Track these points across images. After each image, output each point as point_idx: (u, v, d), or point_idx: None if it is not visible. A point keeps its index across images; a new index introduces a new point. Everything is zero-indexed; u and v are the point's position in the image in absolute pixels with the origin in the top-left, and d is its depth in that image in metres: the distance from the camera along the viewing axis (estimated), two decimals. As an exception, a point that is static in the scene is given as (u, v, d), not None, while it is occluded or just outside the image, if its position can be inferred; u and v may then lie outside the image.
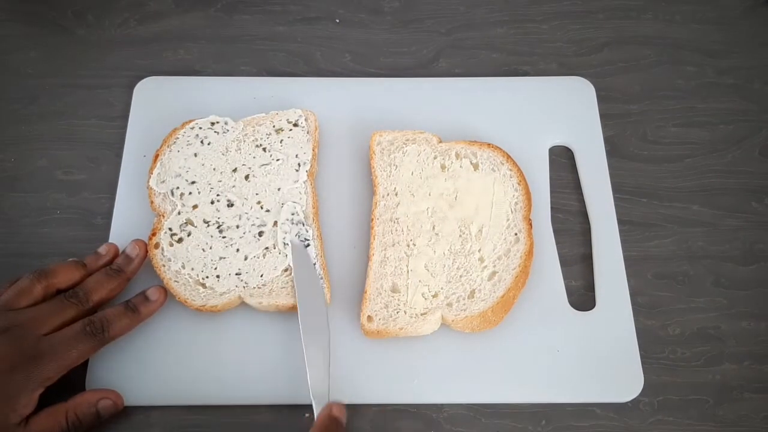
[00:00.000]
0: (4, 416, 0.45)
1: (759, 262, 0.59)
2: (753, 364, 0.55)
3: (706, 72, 0.69)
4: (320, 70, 0.69)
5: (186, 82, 0.66)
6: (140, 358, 0.53)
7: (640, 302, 0.57)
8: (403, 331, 0.52)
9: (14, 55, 0.69)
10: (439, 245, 0.55)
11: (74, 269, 0.53)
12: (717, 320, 0.57)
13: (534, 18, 0.73)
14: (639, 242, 0.60)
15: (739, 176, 0.63)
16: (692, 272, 0.59)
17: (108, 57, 0.69)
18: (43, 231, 0.60)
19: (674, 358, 0.55)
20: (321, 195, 0.60)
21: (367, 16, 0.73)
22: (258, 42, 0.71)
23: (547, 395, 0.53)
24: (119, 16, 0.72)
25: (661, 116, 0.67)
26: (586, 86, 0.66)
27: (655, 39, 0.71)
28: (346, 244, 0.58)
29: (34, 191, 0.62)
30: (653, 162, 0.64)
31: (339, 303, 0.55)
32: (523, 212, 0.57)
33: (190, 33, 0.71)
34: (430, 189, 0.58)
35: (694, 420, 0.53)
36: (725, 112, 0.67)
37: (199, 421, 0.52)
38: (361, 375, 0.53)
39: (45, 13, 0.72)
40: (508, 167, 0.59)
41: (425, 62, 0.70)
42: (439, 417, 0.53)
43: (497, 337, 0.54)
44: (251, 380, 0.52)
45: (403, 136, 0.60)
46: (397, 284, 0.54)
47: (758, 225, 0.61)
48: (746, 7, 0.73)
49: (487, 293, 0.53)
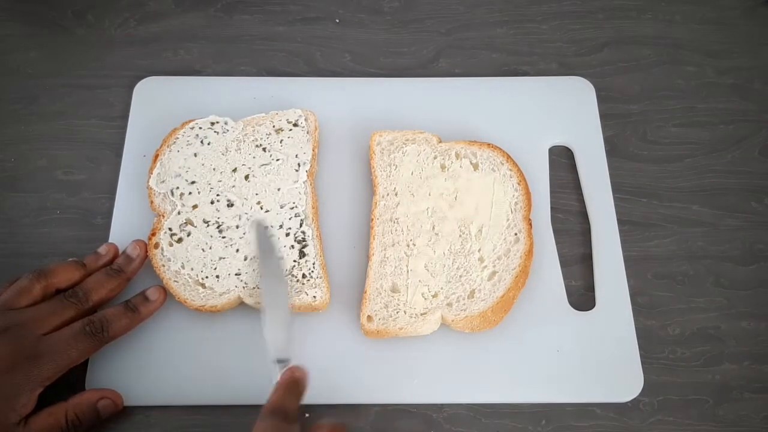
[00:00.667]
0: (3, 416, 0.45)
1: (759, 262, 0.59)
2: (753, 364, 0.55)
3: (706, 72, 0.69)
4: (320, 70, 0.69)
5: (186, 82, 0.66)
6: (140, 358, 0.53)
7: (640, 302, 0.57)
8: (403, 331, 0.52)
9: (14, 55, 0.69)
10: (439, 245, 0.55)
11: (74, 269, 0.53)
12: (717, 320, 0.57)
13: (534, 18, 0.73)
14: (639, 242, 0.60)
15: (739, 176, 0.63)
16: (692, 272, 0.59)
17: (108, 57, 0.69)
18: (43, 231, 0.60)
19: (674, 358, 0.55)
20: (321, 195, 0.60)
21: (367, 16, 0.73)
22: (258, 42, 0.71)
23: (547, 395, 0.53)
24: (119, 16, 0.72)
25: (661, 116, 0.67)
26: (586, 86, 0.66)
27: (655, 39, 0.71)
28: (346, 244, 0.58)
29: (34, 191, 0.62)
30: (653, 162, 0.64)
31: (339, 303, 0.55)
32: (523, 212, 0.57)
33: (190, 33, 0.71)
34: (430, 189, 0.58)
35: (694, 420, 0.53)
36: (725, 112, 0.67)
37: (199, 421, 0.52)
38: (361, 375, 0.53)
39: (45, 13, 0.72)
40: (507, 167, 0.59)
41: (425, 62, 0.70)
42: (439, 417, 0.53)
43: (497, 337, 0.54)
44: (251, 380, 0.52)
45: (403, 136, 0.60)
46: (396, 284, 0.54)
47: (758, 225, 0.61)
48: (746, 7, 0.73)
49: (487, 293, 0.53)
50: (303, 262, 0.55)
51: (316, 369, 0.52)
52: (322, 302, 0.53)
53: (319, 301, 0.53)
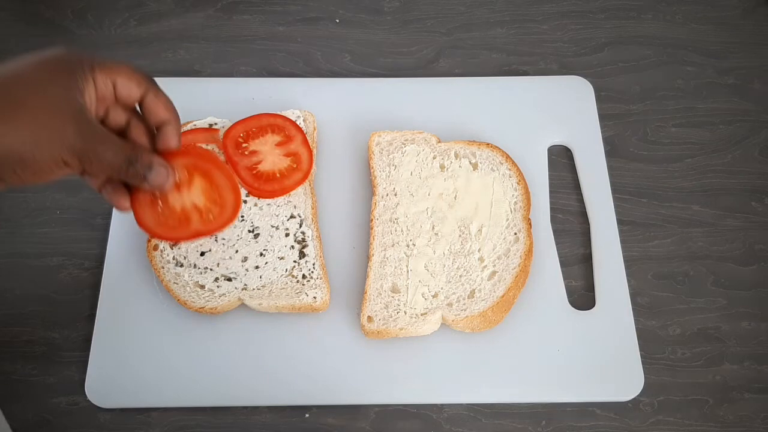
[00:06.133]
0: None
1: (759, 262, 0.59)
2: (753, 365, 0.55)
3: (706, 72, 0.69)
4: (320, 70, 0.69)
5: (185, 83, 0.66)
6: (140, 358, 0.53)
7: (640, 302, 0.57)
8: (404, 332, 0.52)
9: (14, 55, 0.68)
10: (439, 245, 0.55)
11: None
12: (717, 320, 0.57)
13: (534, 18, 0.73)
14: (639, 242, 0.60)
15: (739, 176, 0.63)
16: (692, 272, 0.59)
17: (108, 57, 0.69)
18: (43, 231, 0.60)
19: (674, 358, 0.55)
20: (320, 195, 0.60)
21: (367, 16, 0.73)
22: (258, 42, 0.71)
23: (547, 395, 0.53)
24: (119, 16, 0.72)
25: (661, 116, 0.66)
26: (585, 86, 0.66)
27: (655, 39, 0.71)
28: (346, 245, 0.58)
29: (34, 191, 0.62)
30: (653, 162, 0.64)
31: (339, 304, 0.55)
32: (523, 212, 0.57)
33: (190, 33, 0.71)
34: (430, 189, 0.58)
35: (694, 420, 0.53)
36: (725, 112, 0.67)
37: (199, 422, 0.52)
38: (361, 375, 0.53)
39: (45, 13, 0.72)
40: (507, 167, 0.59)
41: (425, 62, 0.70)
42: (439, 417, 0.53)
43: (497, 337, 0.54)
44: (251, 381, 0.52)
45: (402, 137, 0.60)
46: (397, 284, 0.54)
47: (758, 225, 0.61)
48: (746, 7, 0.73)
49: (487, 293, 0.53)
50: (303, 262, 0.55)
51: (316, 369, 0.53)
52: (323, 303, 0.53)
53: (320, 301, 0.53)
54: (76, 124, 0.40)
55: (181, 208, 0.51)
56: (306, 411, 0.53)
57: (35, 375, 0.54)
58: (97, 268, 0.57)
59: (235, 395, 0.52)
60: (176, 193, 0.50)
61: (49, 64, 0.42)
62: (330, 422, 0.53)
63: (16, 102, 0.39)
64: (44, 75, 0.41)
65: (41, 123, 0.39)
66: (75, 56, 0.42)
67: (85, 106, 0.42)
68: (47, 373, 0.54)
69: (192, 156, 0.51)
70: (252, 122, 0.59)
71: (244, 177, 0.57)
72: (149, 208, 0.49)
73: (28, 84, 0.40)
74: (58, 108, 0.40)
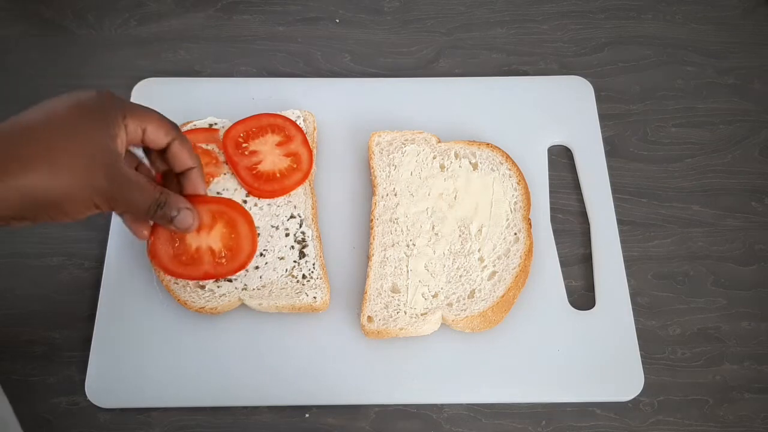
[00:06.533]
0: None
1: (759, 262, 0.59)
2: (753, 365, 0.55)
3: (706, 72, 0.69)
4: (320, 70, 0.69)
5: (185, 83, 0.66)
6: (140, 358, 0.53)
7: (640, 302, 0.57)
8: (404, 332, 0.52)
9: (14, 55, 0.69)
10: (439, 245, 0.55)
11: None
12: (717, 320, 0.57)
13: (534, 18, 0.73)
14: (639, 242, 0.60)
15: (739, 176, 0.63)
16: (692, 272, 0.59)
17: (108, 57, 0.69)
18: (43, 231, 0.60)
19: (674, 358, 0.55)
20: (320, 195, 0.60)
21: (367, 16, 0.73)
22: (258, 42, 0.71)
23: (547, 395, 0.53)
24: (119, 16, 0.72)
25: (661, 116, 0.66)
26: (585, 85, 0.66)
27: (655, 39, 0.71)
28: (346, 245, 0.58)
29: (34, 191, 0.62)
30: (653, 162, 0.64)
31: (339, 304, 0.55)
32: (523, 212, 0.57)
33: (190, 33, 0.71)
34: (430, 189, 0.58)
35: (694, 420, 0.53)
36: (725, 112, 0.67)
37: (199, 422, 0.52)
38: (361, 375, 0.53)
39: (45, 13, 0.72)
40: (507, 167, 0.59)
41: (425, 62, 0.70)
42: (439, 417, 0.53)
43: (497, 337, 0.54)
44: (251, 381, 0.52)
45: (402, 137, 0.60)
46: (397, 284, 0.54)
47: (758, 225, 0.61)
48: (746, 7, 0.73)
49: (487, 293, 0.53)
50: (303, 262, 0.55)
51: (316, 369, 0.53)
52: (323, 303, 0.53)
53: (320, 301, 0.53)
54: (108, 169, 0.42)
55: (196, 247, 0.52)
56: (306, 411, 0.53)
57: (35, 375, 0.54)
58: (97, 268, 0.57)
59: (235, 395, 0.52)
60: (195, 233, 0.51)
61: (83, 108, 0.43)
62: (330, 422, 0.53)
63: (54, 148, 0.40)
64: (79, 120, 0.42)
65: (77, 171, 0.41)
66: (108, 102, 0.44)
67: (117, 152, 0.43)
68: (47, 373, 0.54)
69: (220, 204, 0.52)
70: (252, 122, 0.59)
71: (244, 177, 0.57)
72: (166, 242, 0.51)
73: (64, 129, 0.41)
74: (93, 156, 0.41)
